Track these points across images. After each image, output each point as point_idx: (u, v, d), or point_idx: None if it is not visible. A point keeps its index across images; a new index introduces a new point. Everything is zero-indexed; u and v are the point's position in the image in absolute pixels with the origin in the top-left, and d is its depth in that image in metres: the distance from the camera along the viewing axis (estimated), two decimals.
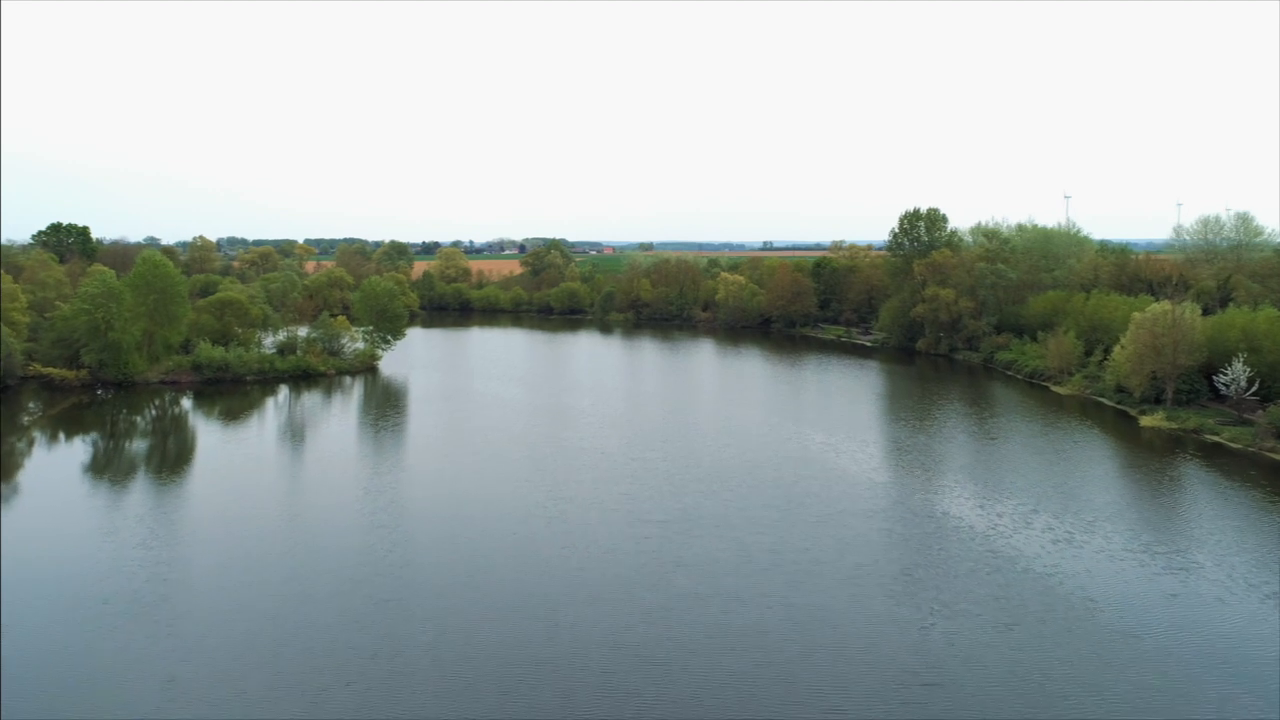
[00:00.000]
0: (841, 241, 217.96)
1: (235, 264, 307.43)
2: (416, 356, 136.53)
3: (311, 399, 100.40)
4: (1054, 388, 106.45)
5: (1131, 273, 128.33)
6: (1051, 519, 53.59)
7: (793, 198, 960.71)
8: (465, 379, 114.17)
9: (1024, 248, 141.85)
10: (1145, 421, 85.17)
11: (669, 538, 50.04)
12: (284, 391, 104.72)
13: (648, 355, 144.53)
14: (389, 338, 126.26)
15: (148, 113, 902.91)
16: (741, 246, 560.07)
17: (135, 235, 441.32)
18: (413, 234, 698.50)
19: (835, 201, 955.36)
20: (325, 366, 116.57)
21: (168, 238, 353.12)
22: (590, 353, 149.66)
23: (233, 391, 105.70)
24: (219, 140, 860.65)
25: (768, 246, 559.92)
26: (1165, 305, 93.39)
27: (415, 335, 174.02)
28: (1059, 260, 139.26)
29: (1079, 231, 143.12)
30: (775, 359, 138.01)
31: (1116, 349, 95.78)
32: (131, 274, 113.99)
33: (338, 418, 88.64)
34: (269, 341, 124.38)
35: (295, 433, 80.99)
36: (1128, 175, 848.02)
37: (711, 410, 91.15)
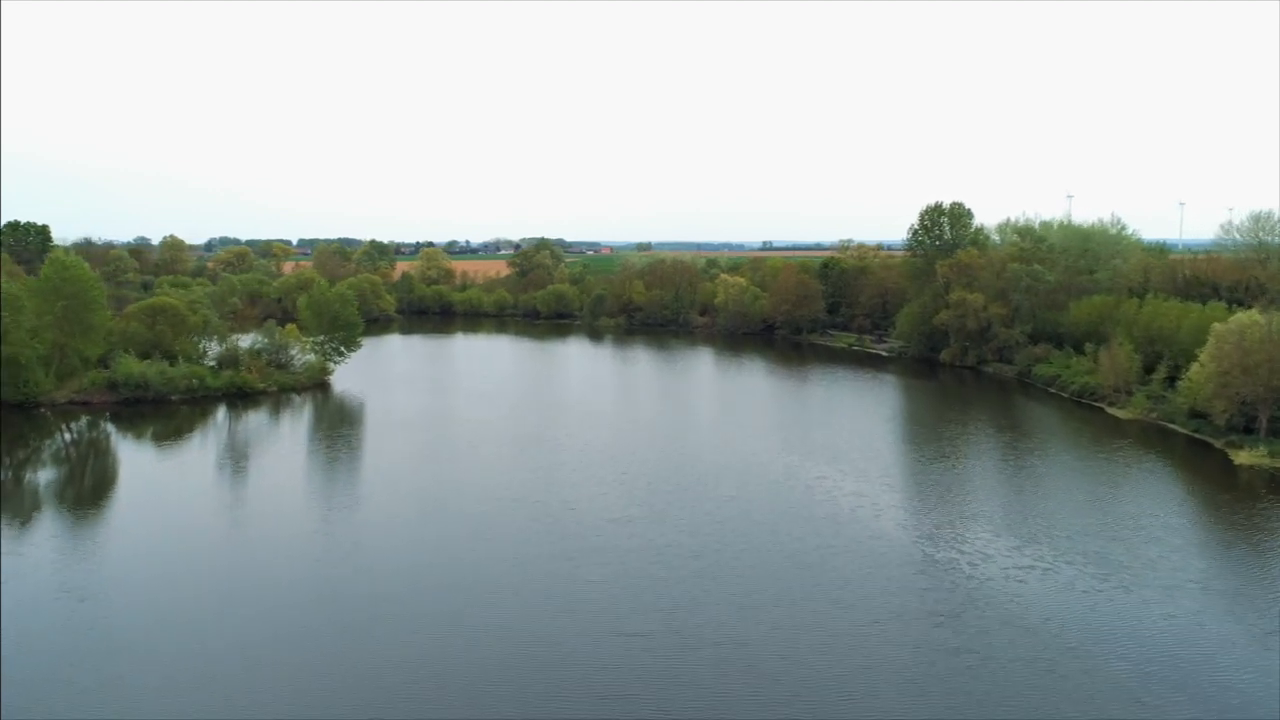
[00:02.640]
0: (849, 240, 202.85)
1: (210, 265, 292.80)
2: (380, 368, 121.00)
3: (239, 426, 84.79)
4: (1110, 409, 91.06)
5: (1191, 275, 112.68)
6: (1193, 624, 38.05)
7: (792, 197, 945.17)
8: (426, 397, 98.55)
9: (1060, 247, 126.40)
10: (1241, 458, 69.75)
11: (649, 667, 34.43)
12: (212, 415, 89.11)
13: (640, 368, 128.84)
14: (342, 349, 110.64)
15: (148, 113, 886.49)
16: (741, 246, 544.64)
17: (127, 235, 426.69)
18: (411, 234, 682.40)
19: (835, 201, 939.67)
20: (265, 383, 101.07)
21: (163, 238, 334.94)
22: (574, 365, 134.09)
23: (155, 414, 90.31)
24: (219, 140, 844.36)
25: (767, 246, 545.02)
26: (1254, 315, 78.17)
27: (389, 342, 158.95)
28: (1101, 261, 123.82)
29: (1123, 229, 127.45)
30: (783, 372, 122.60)
31: (1194, 367, 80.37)
32: (37, 278, 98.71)
33: (257, 455, 72.90)
34: (214, 353, 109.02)
35: (185, 485, 65.30)
36: (1126, 174, 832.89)
37: (712, 443, 75.36)
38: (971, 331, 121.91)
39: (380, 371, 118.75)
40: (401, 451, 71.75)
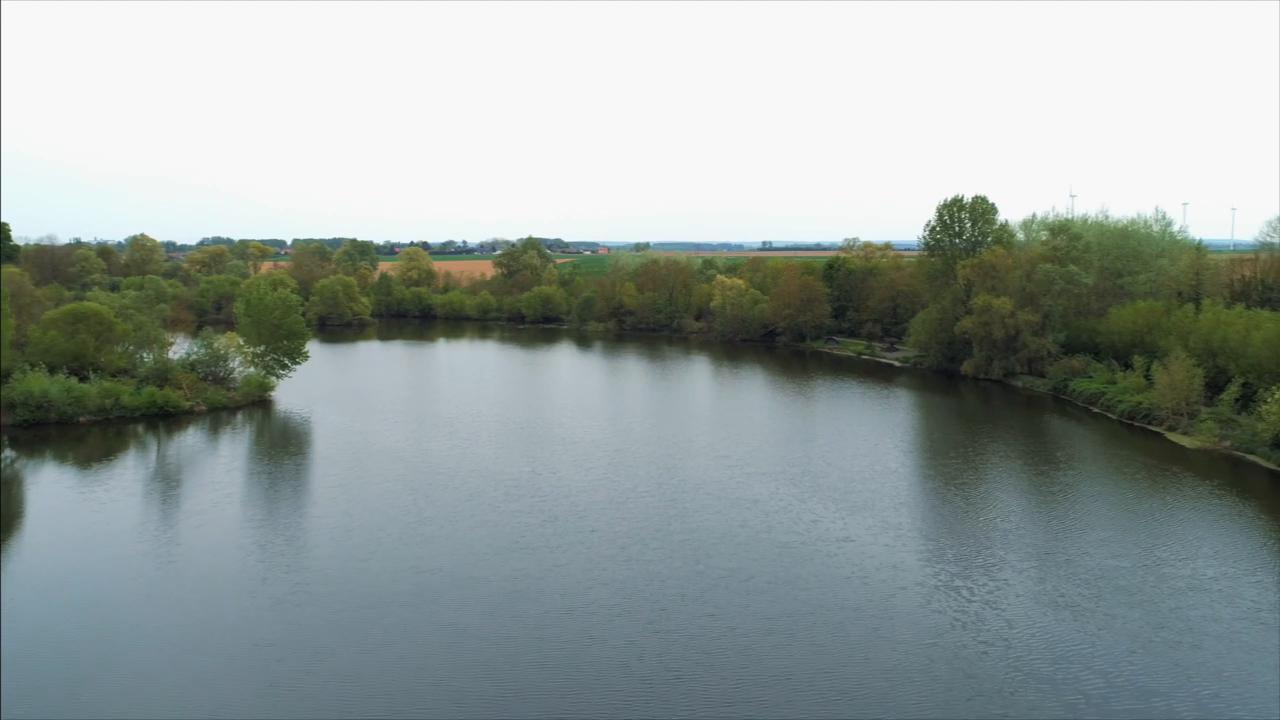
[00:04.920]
0: (855, 240, 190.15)
1: (185, 265, 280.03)
2: (339, 381, 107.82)
3: (142, 457, 71.41)
4: (1171, 435, 77.92)
5: (1252, 278, 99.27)
6: None
7: (792, 197, 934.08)
8: (380, 420, 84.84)
9: (1097, 246, 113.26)
10: None
11: None
12: (124, 440, 75.82)
13: (630, 384, 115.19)
14: (286, 361, 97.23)
15: (148, 113, 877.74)
16: (740, 246, 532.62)
17: (124, 235, 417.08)
18: (409, 234, 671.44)
19: (835, 201, 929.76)
20: (192, 402, 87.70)
21: (164, 238, 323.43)
22: (553, 378, 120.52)
23: (57, 439, 77.54)
24: (219, 140, 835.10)
25: (767, 246, 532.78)
26: None
27: (358, 350, 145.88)
28: (1144, 262, 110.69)
29: (1170, 226, 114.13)
30: (787, 386, 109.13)
31: None
32: None
33: (154, 500, 59.54)
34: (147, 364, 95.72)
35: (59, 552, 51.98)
36: (1126, 174, 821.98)
37: (706, 483, 61.70)
38: (997, 340, 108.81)
39: (337, 385, 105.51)
40: (325, 498, 58.30)
